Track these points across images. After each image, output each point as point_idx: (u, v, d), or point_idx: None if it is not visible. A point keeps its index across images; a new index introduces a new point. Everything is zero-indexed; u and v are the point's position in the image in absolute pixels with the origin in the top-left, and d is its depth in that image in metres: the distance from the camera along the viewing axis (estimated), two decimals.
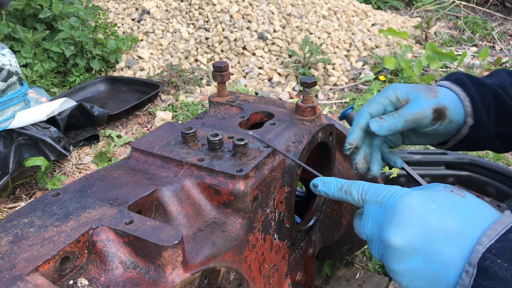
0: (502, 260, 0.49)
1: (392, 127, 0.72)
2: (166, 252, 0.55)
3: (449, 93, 0.79)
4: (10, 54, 1.72)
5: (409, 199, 0.58)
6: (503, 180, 1.59)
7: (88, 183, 0.70)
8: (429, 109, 0.74)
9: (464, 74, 0.82)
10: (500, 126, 0.80)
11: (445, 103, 0.76)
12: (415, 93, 0.75)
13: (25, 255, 0.53)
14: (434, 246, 0.55)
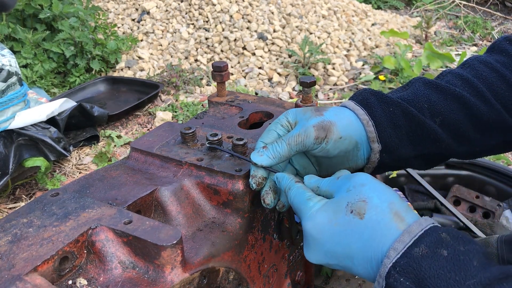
0: (405, 279, 0.50)
1: (275, 155, 0.66)
2: (165, 252, 0.55)
3: (344, 111, 0.72)
4: (10, 54, 1.72)
5: (312, 225, 0.59)
6: (503, 180, 1.59)
7: (87, 183, 0.70)
8: (311, 127, 0.67)
9: (372, 92, 0.74)
10: (417, 147, 0.74)
11: (331, 118, 0.68)
12: (302, 114, 0.70)
13: (24, 255, 0.53)
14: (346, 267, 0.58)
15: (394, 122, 0.71)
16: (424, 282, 0.48)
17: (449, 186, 1.68)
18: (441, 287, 0.47)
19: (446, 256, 0.49)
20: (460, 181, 1.68)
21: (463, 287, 0.46)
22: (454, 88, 0.73)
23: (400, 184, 1.70)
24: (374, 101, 0.72)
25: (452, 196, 1.62)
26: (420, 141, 0.73)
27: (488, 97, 0.72)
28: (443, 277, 0.48)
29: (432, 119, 0.72)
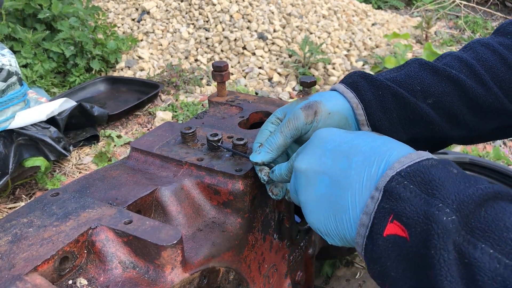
0: (409, 182, 0.45)
1: (272, 147, 0.67)
2: (165, 252, 0.55)
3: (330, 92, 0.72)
4: (10, 54, 1.72)
5: (323, 129, 0.57)
6: (503, 180, 1.59)
7: (87, 183, 0.70)
8: (298, 110, 0.67)
9: (362, 74, 0.73)
10: (409, 130, 0.72)
11: (316, 99, 0.69)
12: (289, 107, 0.71)
13: (24, 255, 0.53)
14: (340, 170, 0.52)
15: (384, 106, 0.71)
16: (431, 183, 0.44)
17: None
18: (450, 188, 0.43)
19: (456, 173, 0.45)
20: None
21: (473, 188, 0.42)
22: (450, 70, 0.72)
23: None
24: (364, 84, 0.71)
25: None
26: (412, 125, 0.72)
27: (486, 80, 0.71)
28: (453, 181, 0.44)
29: (424, 101, 0.71)
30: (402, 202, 0.45)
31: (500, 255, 0.37)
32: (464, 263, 0.39)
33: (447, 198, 0.42)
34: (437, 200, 0.42)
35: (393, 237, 0.45)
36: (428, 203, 0.43)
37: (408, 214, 0.44)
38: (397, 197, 0.45)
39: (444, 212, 0.41)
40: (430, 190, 0.44)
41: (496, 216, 0.40)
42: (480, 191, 0.42)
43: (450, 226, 0.40)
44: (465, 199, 0.42)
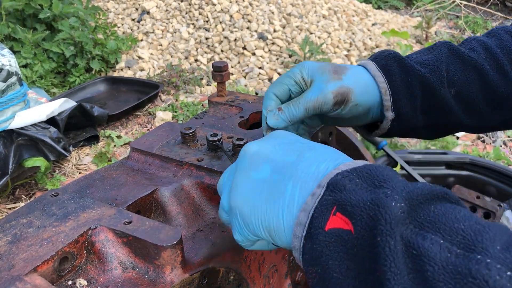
0: (355, 176, 0.43)
1: (291, 118, 0.67)
2: (165, 253, 0.54)
3: (362, 74, 0.72)
4: (9, 54, 1.72)
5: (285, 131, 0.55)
6: (503, 180, 1.59)
7: (87, 183, 0.70)
8: (330, 93, 0.67)
9: (394, 57, 0.73)
10: (428, 117, 0.74)
11: (349, 85, 0.68)
12: (319, 75, 0.69)
13: (23, 255, 0.53)
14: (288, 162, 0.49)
15: (411, 93, 0.72)
16: (378, 178, 0.42)
17: (449, 186, 1.68)
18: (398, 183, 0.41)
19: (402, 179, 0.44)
20: (460, 182, 1.68)
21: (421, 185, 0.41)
22: (476, 58, 0.72)
23: None
24: (395, 69, 0.72)
25: None
26: (432, 111, 0.73)
27: (508, 70, 0.72)
28: (400, 180, 0.42)
29: (448, 90, 0.72)
30: (347, 193, 0.42)
31: (451, 245, 0.36)
32: (412, 254, 0.37)
33: (396, 187, 0.40)
34: (385, 189, 0.40)
35: (335, 231, 0.41)
36: (375, 192, 0.40)
37: (353, 202, 0.41)
38: (341, 188, 0.42)
39: (393, 198, 0.39)
40: (378, 183, 0.42)
41: (446, 211, 0.39)
42: (428, 188, 0.41)
43: (399, 213, 0.38)
44: (414, 191, 0.40)
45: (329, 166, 0.46)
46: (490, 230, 0.36)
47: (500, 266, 0.33)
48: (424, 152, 1.69)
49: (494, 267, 0.33)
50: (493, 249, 0.35)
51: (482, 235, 0.36)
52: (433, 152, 1.70)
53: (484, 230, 0.36)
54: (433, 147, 2.06)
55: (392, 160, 1.61)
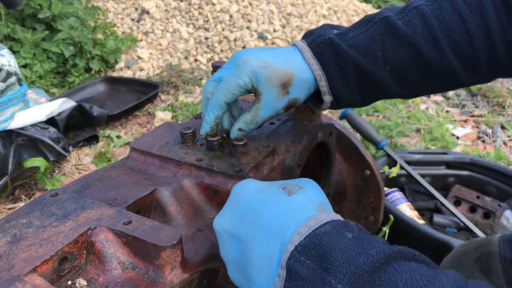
0: (305, 257, 0.45)
1: (250, 131, 0.77)
2: (164, 253, 0.54)
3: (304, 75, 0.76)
4: (9, 54, 1.71)
5: (240, 186, 0.58)
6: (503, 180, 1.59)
7: (86, 184, 0.70)
8: (281, 109, 0.76)
9: (328, 43, 0.76)
10: (364, 94, 0.80)
11: (296, 95, 0.76)
12: (268, 90, 0.73)
13: (23, 255, 0.53)
14: (248, 237, 0.52)
15: (345, 77, 0.77)
16: (325, 256, 0.44)
17: (449, 186, 1.68)
18: (342, 259, 0.44)
19: (351, 238, 0.46)
20: (460, 181, 1.68)
21: (365, 255, 0.43)
22: (411, 34, 0.75)
23: (400, 184, 1.70)
24: (329, 56, 0.76)
25: (453, 196, 1.62)
26: (368, 90, 0.79)
27: (442, 45, 0.75)
28: (345, 250, 0.44)
29: (383, 67, 0.77)
30: (301, 281, 0.45)
31: None
32: None
33: (339, 273, 0.43)
34: (330, 276, 0.43)
35: None
36: (323, 279, 0.43)
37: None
38: (296, 276, 0.45)
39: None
40: (324, 263, 0.44)
41: (389, 280, 0.41)
42: (371, 258, 0.43)
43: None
44: (355, 270, 0.42)
45: (276, 245, 0.49)
46: None
47: None
48: (424, 152, 1.69)
49: None
50: None
51: None
52: (433, 152, 1.70)
53: None
54: (433, 147, 2.06)
55: (392, 160, 1.60)
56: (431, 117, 2.35)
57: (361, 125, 1.67)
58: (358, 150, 1.11)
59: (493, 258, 0.82)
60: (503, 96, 2.57)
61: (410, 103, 2.53)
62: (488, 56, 0.76)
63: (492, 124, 2.34)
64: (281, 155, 0.80)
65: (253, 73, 0.72)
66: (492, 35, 0.74)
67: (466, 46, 0.75)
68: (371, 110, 2.43)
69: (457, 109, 2.53)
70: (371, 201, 1.17)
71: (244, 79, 0.72)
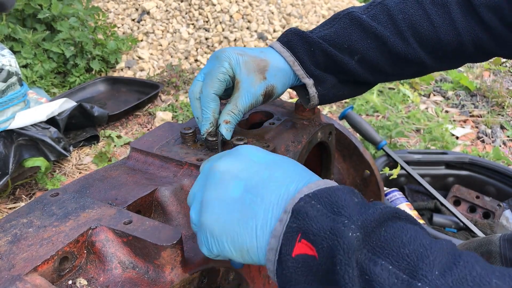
0: (316, 202, 0.45)
1: (236, 123, 0.78)
2: (165, 252, 0.55)
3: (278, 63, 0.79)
4: (10, 54, 1.72)
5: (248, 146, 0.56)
6: (503, 180, 1.59)
7: (87, 183, 0.70)
8: (260, 96, 0.77)
9: (295, 32, 0.81)
10: (337, 76, 0.82)
11: (273, 82, 0.78)
12: (246, 75, 0.76)
13: (24, 255, 0.53)
14: (261, 180, 0.50)
15: (314, 60, 0.80)
16: (337, 204, 0.45)
17: (449, 186, 1.68)
18: (354, 208, 0.44)
19: (357, 202, 0.46)
20: (460, 181, 1.68)
21: (373, 209, 0.44)
22: (376, 27, 0.79)
23: (400, 184, 1.70)
24: (297, 42, 0.80)
25: (452, 196, 1.62)
26: (339, 73, 0.82)
27: (407, 37, 0.79)
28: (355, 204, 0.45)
29: (351, 58, 0.80)
30: (309, 220, 0.44)
31: (398, 270, 0.39)
32: (366, 279, 0.40)
33: (352, 216, 0.43)
34: (343, 217, 0.43)
35: (302, 257, 0.44)
36: (334, 220, 0.43)
37: (315, 231, 0.43)
38: (304, 216, 0.45)
39: (350, 228, 0.42)
40: (336, 209, 0.44)
41: (395, 233, 0.42)
42: (379, 210, 0.44)
43: (355, 243, 0.41)
44: (367, 217, 0.43)
45: (297, 188, 0.49)
46: (431, 253, 0.40)
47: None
48: (423, 152, 1.69)
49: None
50: (431, 275, 0.38)
51: (423, 260, 0.39)
52: (432, 152, 1.70)
53: (425, 254, 0.40)
54: (433, 147, 2.06)
55: (392, 160, 1.61)
56: (430, 117, 2.35)
57: (361, 125, 1.67)
58: (358, 150, 1.12)
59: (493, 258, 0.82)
60: (502, 96, 2.57)
61: (410, 103, 2.53)
62: (455, 46, 0.79)
63: (491, 124, 2.34)
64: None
65: (231, 59, 0.76)
66: (457, 26, 0.77)
67: (432, 37, 0.79)
68: (371, 110, 2.43)
69: (456, 109, 2.53)
70: (371, 201, 1.17)
71: (225, 65, 0.76)
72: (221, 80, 0.76)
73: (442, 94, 2.69)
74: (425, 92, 2.69)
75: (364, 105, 2.45)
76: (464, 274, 0.37)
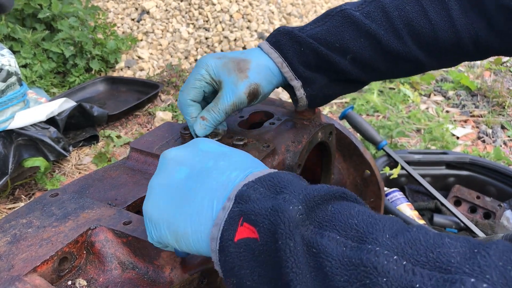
0: (259, 185, 0.45)
1: (215, 123, 0.75)
2: (164, 253, 0.54)
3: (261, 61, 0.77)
4: (9, 54, 1.71)
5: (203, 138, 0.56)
6: (503, 180, 1.59)
7: (86, 184, 0.70)
8: (243, 94, 0.74)
9: (284, 32, 0.78)
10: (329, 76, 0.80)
11: (256, 80, 0.75)
12: (226, 75, 0.74)
13: (23, 255, 0.53)
14: (204, 168, 0.49)
15: (304, 60, 0.77)
16: (280, 184, 0.44)
17: (449, 186, 1.68)
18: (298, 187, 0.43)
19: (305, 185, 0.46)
20: (460, 182, 1.68)
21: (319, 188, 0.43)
22: (370, 25, 0.76)
23: (401, 185, 1.70)
24: (286, 42, 0.78)
25: (453, 197, 1.62)
26: (331, 73, 0.79)
27: (403, 34, 0.76)
28: (299, 184, 0.45)
29: (343, 57, 0.78)
30: (251, 203, 0.43)
31: (346, 239, 0.38)
32: (313, 253, 0.39)
33: (294, 192, 0.42)
34: (284, 194, 0.42)
35: (244, 241, 0.43)
36: (276, 198, 0.42)
37: (257, 211, 0.42)
38: (247, 199, 0.44)
39: (291, 202, 0.41)
40: (279, 189, 0.44)
41: (342, 208, 0.41)
42: (325, 188, 0.43)
43: (297, 216, 0.40)
44: (311, 192, 0.42)
45: (239, 175, 0.48)
46: (380, 222, 0.39)
47: (388, 252, 0.36)
48: (424, 152, 1.69)
49: (382, 253, 0.35)
50: (382, 238, 0.37)
51: (373, 227, 0.38)
52: (433, 152, 1.70)
53: (375, 222, 0.39)
54: (433, 147, 2.06)
55: (393, 160, 1.60)
56: (431, 117, 2.35)
57: (361, 125, 1.67)
58: (358, 150, 1.11)
59: None
60: (503, 96, 2.57)
61: (411, 103, 2.53)
62: (453, 44, 0.76)
63: (492, 124, 2.34)
64: (281, 155, 0.80)
65: (208, 65, 0.75)
66: (455, 24, 0.75)
67: (429, 35, 0.76)
68: (371, 110, 2.43)
69: (457, 109, 2.53)
70: (371, 201, 1.17)
71: (201, 72, 0.75)
72: (196, 87, 0.75)
73: (442, 94, 2.69)
74: (425, 92, 2.68)
75: (364, 105, 2.45)
76: (417, 236, 0.36)
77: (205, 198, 0.47)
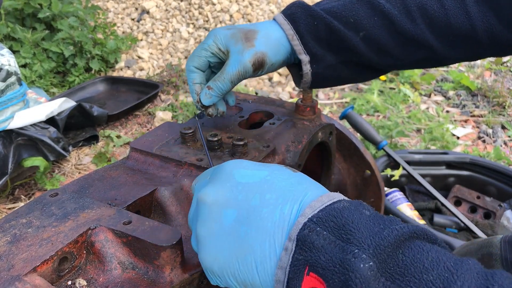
0: (322, 228, 0.42)
1: (221, 93, 0.76)
2: (164, 253, 0.54)
3: (270, 32, 0.78)
4: (9, 54, 1.71)
5: (234, 162, 0.52)
6: (504, 180, 1.59)
7: (86, 183, 0.70)
8: (248, 63, 0.74)
9: (300, 5, 0.79)
10: (339, 56, 0.80)
11: (262, 49, 0.75)
12: (233, 45, 0.75)
13: (23, 255, 0.53)
14: (251, 207, 0.46)
15: (317, 35, 0.78)
16: (345, 227, 0.41)
17: (450, 186, 1.68)
18: (365, 231, 0.40)
19: (369, 215, 0.43)
20: (461, 182, 1.68)
21: (388, 230, 0.40)
22: (384, 4, 0.77)
23: (401, 185, 1.70)
24: (300, 15, 0.78)
25: (453, 197, 1.62)
26: (342, 52, 0.79)
27: (416, 17, 0.76)
28: (366, 224, 0.41)
29: (356, 34, 0.78)
30: (316, 251, 0.41)
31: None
32: None
33: (363, 243, 0.39)
34: (352, 246, 0.39)
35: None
36: (344, 249, 0.40)
37: (324, 264, 0.40)
38: (310, 246, 0.41)
39: (361, 258, 0.38)
40: (345, 235, 0.41)
41: (414, 257, 0.38)
42: (395, 232, 0.40)
43: (368, 274, 0.37)
44: (381, 242, 0.39)
45: (292, 209, 0.45)
46: (458, 278, 0.36)
47: None
48: (424, 152, 1.69)
49: None
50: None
51: (451, 286, 0.35)
52: (433, 152, 1.70)
53: (452, 279, 0.36)
54: (434, 147, 2.06)
55: (393, 160, 1.60)
56: (431, 117, 2.35)
57: (361, 125, 1.67)
58: (358, 150, 1.11)
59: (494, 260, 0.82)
60: (503, 96, 2.57)
61: (411, 103, 2.53)
62: (467, 32, 0.76)
63: (492, 124, 2.34)
64: (281, 155, 0.80)
65: (216, 36, 0.76)
66: (469, 10, 0.74)
67: (442, 20, 0.76)
68: (371, 110, 2.43)
69: (457, 109, 2.53)
70: (371, 201, 1.16)
71: (208, 42, 0.77)
72: (200, 56, 0.77)
73: (443, 94, 2.69)
74: (425, 92, 2.68)
75: (364, 105, 2.45)
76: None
77: (265, 244, 0.44)
